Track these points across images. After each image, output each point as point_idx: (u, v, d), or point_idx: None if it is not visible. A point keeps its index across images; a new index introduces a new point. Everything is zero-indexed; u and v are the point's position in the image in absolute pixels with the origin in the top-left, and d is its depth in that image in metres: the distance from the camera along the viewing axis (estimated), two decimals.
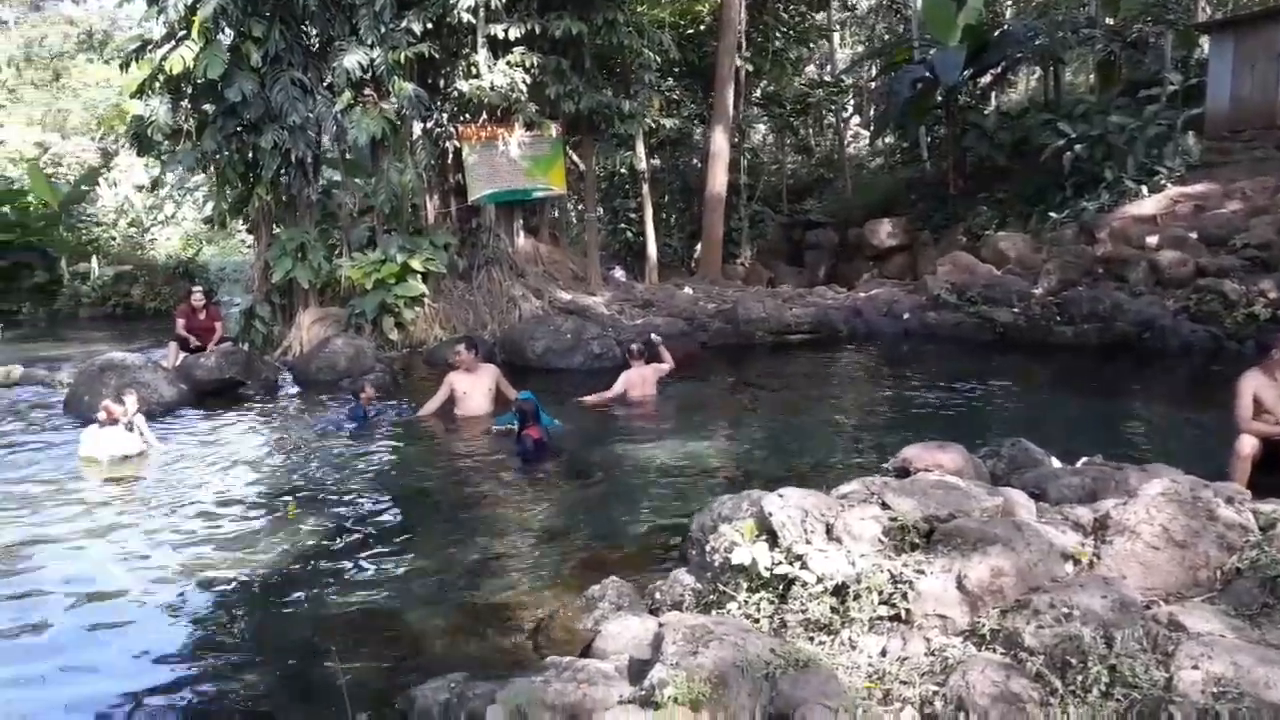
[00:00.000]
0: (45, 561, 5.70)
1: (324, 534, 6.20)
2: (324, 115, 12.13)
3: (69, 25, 40.20)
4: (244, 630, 4.82)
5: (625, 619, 4.14)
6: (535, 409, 7.89)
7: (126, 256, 22.71)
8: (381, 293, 12.61)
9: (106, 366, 9.99)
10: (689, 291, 15.57)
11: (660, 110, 19.14)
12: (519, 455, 7.70)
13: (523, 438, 7.71)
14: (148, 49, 12.50)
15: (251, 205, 12.94)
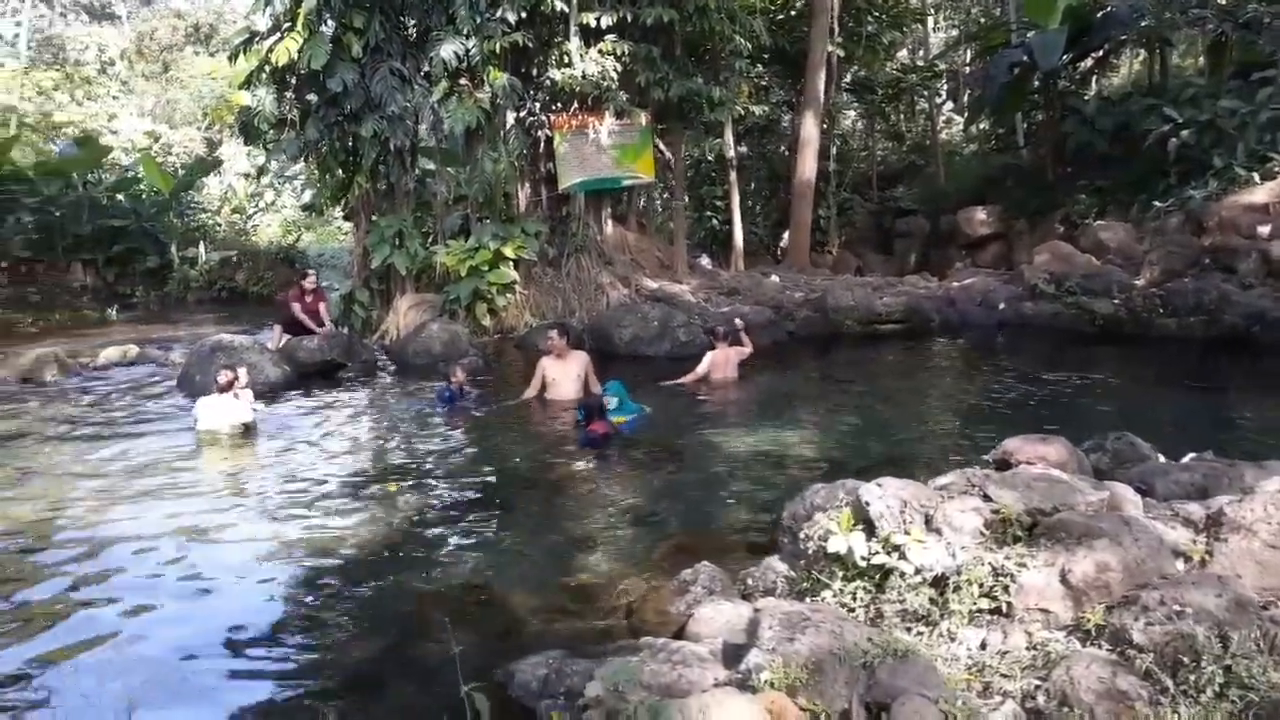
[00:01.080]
0: (159, 532, 5.99)
1: (421, 512, 6.40)
2: (421, 105, 12.41)
3: (177, 19, 41.84)
4: (347, 603, 5.01)
5: (718, 604, 4.18)
6: (601, 405, 8.08)
7: (231, 242, 23.61)
8: (475, 279, 12.87)
9: (216, 347, 10.44)
10: (776, 279, 15.48)
11: (749, 97, 19.05)
12: (582, 446, 7.83)
13: (588, 431, 7.87)
14: (255, 41, 12.96)
15: (351, 193, 13.33)
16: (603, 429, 7.82)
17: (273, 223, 26.48)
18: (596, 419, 7.88)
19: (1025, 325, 13.06)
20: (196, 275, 21.40)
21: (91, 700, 3.98)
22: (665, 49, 13.82)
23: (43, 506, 6.57)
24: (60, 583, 5.24)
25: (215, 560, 5.57)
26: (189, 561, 5.52)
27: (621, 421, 8.36)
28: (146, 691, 3.97)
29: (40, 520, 6.28)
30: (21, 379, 11.17)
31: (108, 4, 43.04)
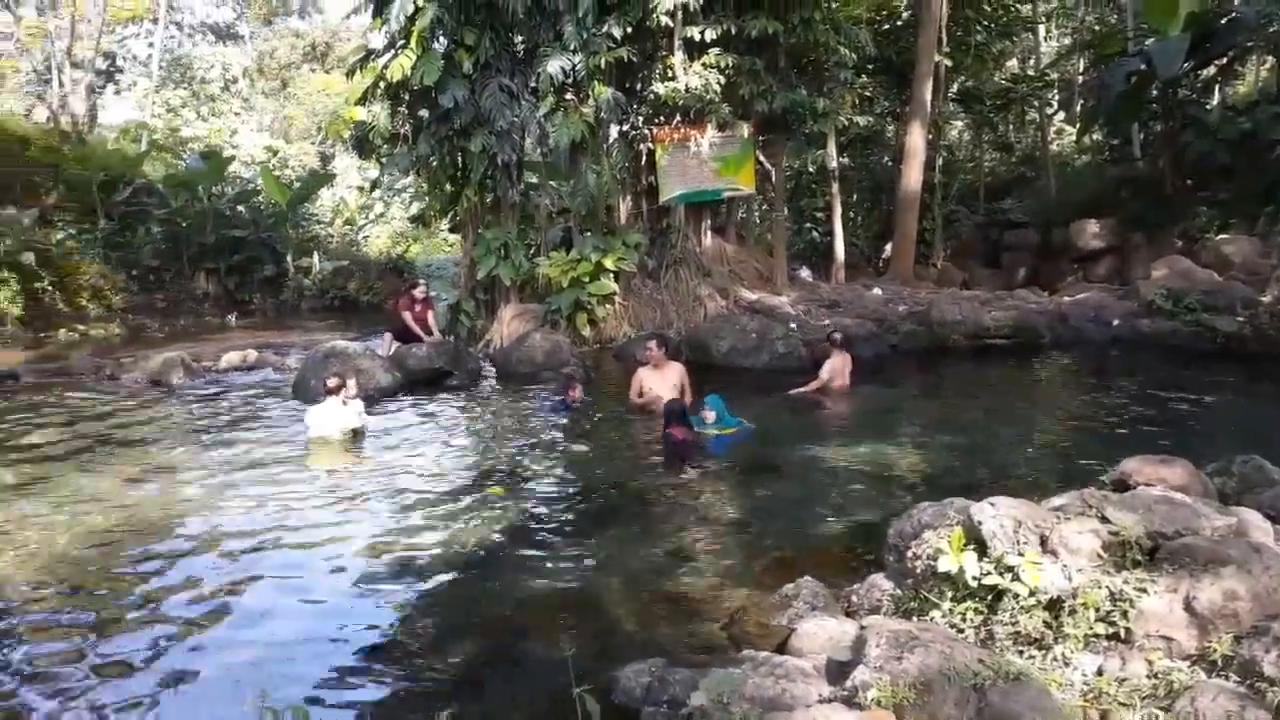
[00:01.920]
0: (273, 530, 6.26)
1: (523, 518, 6.52)
2: (528, 120, 12.70)
3: (296, 38, 43.70)
4: (452, 604, 5.14)
5: (822, 620, 4.17)
6: (682, 410, 8.11)
7: (343, 253, 24.51)
8: (576, 290, 13.07)
9: (330, 353, 10.85)
10: (878, 292, 15.26)
11: (853, 107, 18.86)
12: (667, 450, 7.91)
13: (666, 435, 7.92)
14: (370, 58, 13.46)
15: (460, 206, 13.70)
16: (681, 434, 7.88)
17: (382, 234, 27.39)
18: (676, 423, 7.94)
19: (1141, 342, 12.58)
20: (310, 284, 22.26)
21: (216, 691, 4.20)
22: (769, 61, 13.82)
23: (167, 503, 6.94)
24: (181, 576, 5.52)
25: (325, 559, 5.78)
26: (300, 560, 5.75)
27: (719, 434, 8.37)
28: (264, 685, 4.14)
29: (164, 516, 6.64)
30: (151, 380, 11.81)
31: (232, 25, 45.20)
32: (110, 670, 4.37)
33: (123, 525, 6.34)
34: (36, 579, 5.41)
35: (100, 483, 7.39)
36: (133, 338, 17.41)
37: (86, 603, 5.15)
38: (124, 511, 6.65)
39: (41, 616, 4.95)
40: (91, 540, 6.04)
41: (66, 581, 5.38)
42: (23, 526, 6.33)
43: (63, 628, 4.83)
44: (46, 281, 18.07)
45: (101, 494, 7.07)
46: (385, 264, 24.40)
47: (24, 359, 14.14)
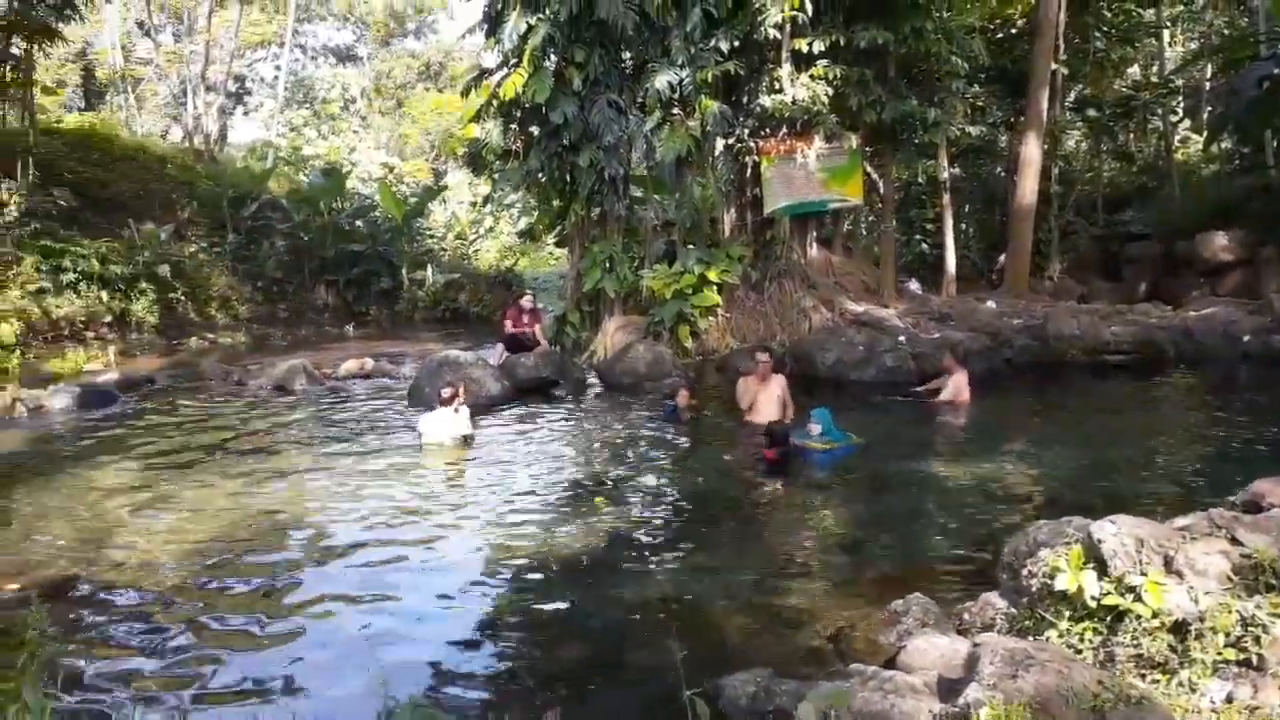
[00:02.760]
0: (385, 530, 6.49)
1: (627, 525, 6.61)
2: (635, 134, 12.86)
3: (411, 59, 45.25)
4: (558, 607, 5.24)
5: (932, 636, 4.11)
6: (784, 433, 8.12)
7: (454, 266, 25.22)
8: (679, 302, 13.14)
9: (444, 362, 11.20)
10: (991, 305, 14.87)
11: (965, 117, 18.46)
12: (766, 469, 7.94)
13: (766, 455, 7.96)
14: (484, 77, 13.87)
15: (568, 220, 13.96)
16: (774, 456, 7.93)
17: (491, 248, 28.06)
18: (777, 444, 7.98)
19: (1273, 359, 11.93)
20: (424, 296, 22.98)
21: (332, 678, 4.39)
22: (879, 71, 13.66)
23: (290, 501, 7.28)
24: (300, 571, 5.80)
25: (434, 559, 5.98)
26: (410, 559, 5.95)
27: (825, 449, 8.31)
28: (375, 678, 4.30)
29: (287, 513, 6.97)
30: (275, 386, 12.39)
31: (352, 47, 47.10)
32: (240, 644, 4.67)
33: (251, 521, 6.69)
34: (178, 566, 5.77)
35: (231, 481, 7.81)
36: (257, 346, 18.29)
37: (218, 588, 5.46)
38: (252, 508, 7.01)
39: (182, 599, 5.27)
40: (223, 533, 6.39)
41: (203, 570, 5.71)
42: (165, 519, 6.74)
43: (201, 609, 5.13)
44: (180, 292, 19.15)
45: (233, 491, 7.47)
46: (494, 277, 24.99)
47: (160, 365, 15.04)
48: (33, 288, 16.25)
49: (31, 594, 5.23)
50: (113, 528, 6.53)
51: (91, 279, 17.25)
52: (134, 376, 12.94)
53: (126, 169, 22.24)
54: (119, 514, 6.86)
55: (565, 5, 12.07)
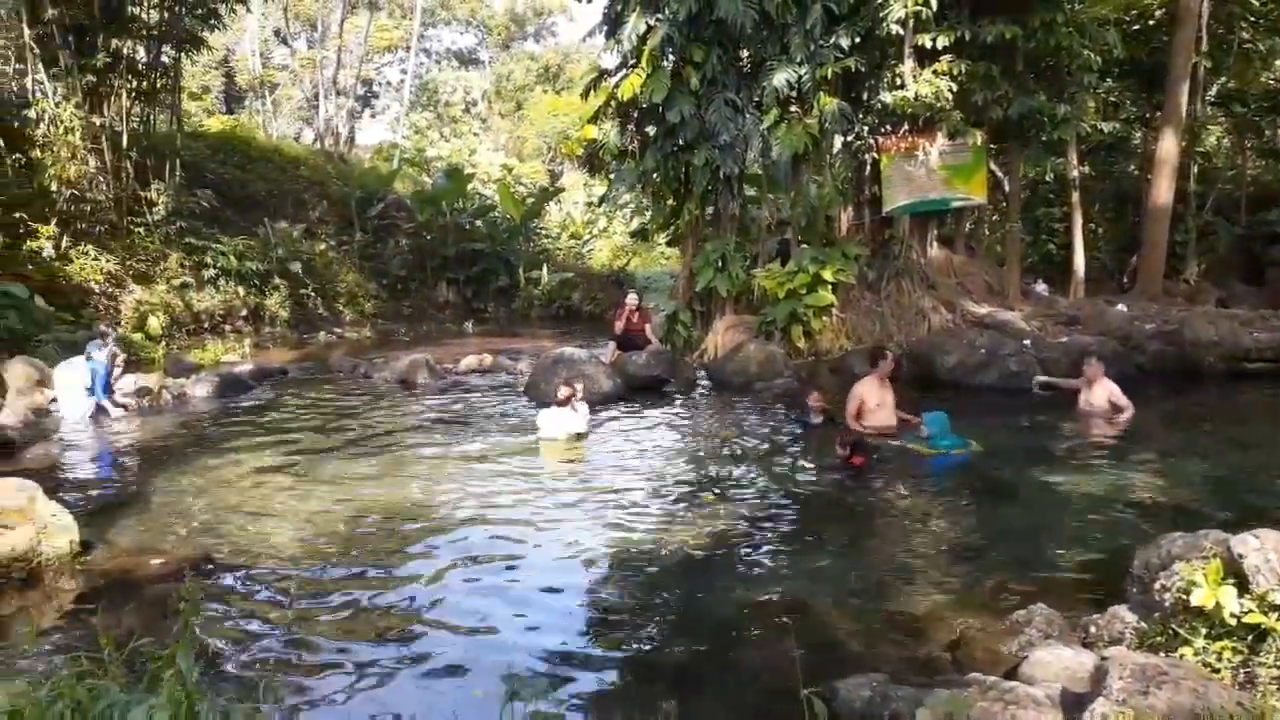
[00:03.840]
0: (501, 522, 6.63)
1: (738, 525, 6.59)
2: (751, 133, 12.82)
3: (530, 61, 46.15)
4: (670, 604, 5.27)
5: (1056, 648, 3.98)
6: (864, 442, 7.95)
7: (568, 265, 25.65)
8: (792, 302, 13.03)
9: (559, 359, 11.40)
10: (1123, 309, 14.21)
11: (1097, 113, 17.70)
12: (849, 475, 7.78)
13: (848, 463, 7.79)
14: (603, 79, 14.05)
15: (681, 219, 14.01)
16: (861, 463, 7.77)
17: (604, 248, 28.42)
18: (858, 453, 7.83)
19: None
20: (539, 294, 23.44)
21: (446, 665, 4.53)
22: (1005, 66, 13.22)
23: (411, 491, 7.52)
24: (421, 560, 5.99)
25: (550, 553, 6.08)
26: (526, 551, 6.07)
27: (941, 453, 8.11)
28: (488, 667, 4.42)
29: (408, 503, 7.20)
30: (399, 380, 12.84)
31: (474, 50, 48.40)
32: (359, 631, 4.84)
33: (374, 509, 6.95)
34: (304, 550, 6.05)
35: (357, 469, 8.14)
36: (382, 341, 18.97)
37: (341, 574, 5.68)
38: (374, 496, 7.29)
39: (307, 583, 5.51)
40: (348, 520, 6.66)
41: (327, 555, 5.97)
42: (295, 504, 7.08)
43: (322, 594, 5.37)
44: (310, 288, 20.05)
45: (357, 479, 7.78)
46: (607, 276, 25.29)
47: (291, 357, 15.77)
48: (177, 283, 17.30)
49: (176, 570, 5.58)
50: (246, 510, 6.88)
51: (230, 275, 18.24)
52: (268, 367, 13.61)
53: (263, 170, 23.42)
54: (252, 497, 7.24)
55: (684, 5, 12.12)
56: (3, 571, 5.18)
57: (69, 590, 5.29)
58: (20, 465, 8.01)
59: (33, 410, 10.06)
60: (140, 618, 4.90)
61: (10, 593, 5.09)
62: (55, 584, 5.32)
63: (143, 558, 5.79)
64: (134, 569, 5.63)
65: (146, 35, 18.11)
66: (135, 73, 18.08)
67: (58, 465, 8.18)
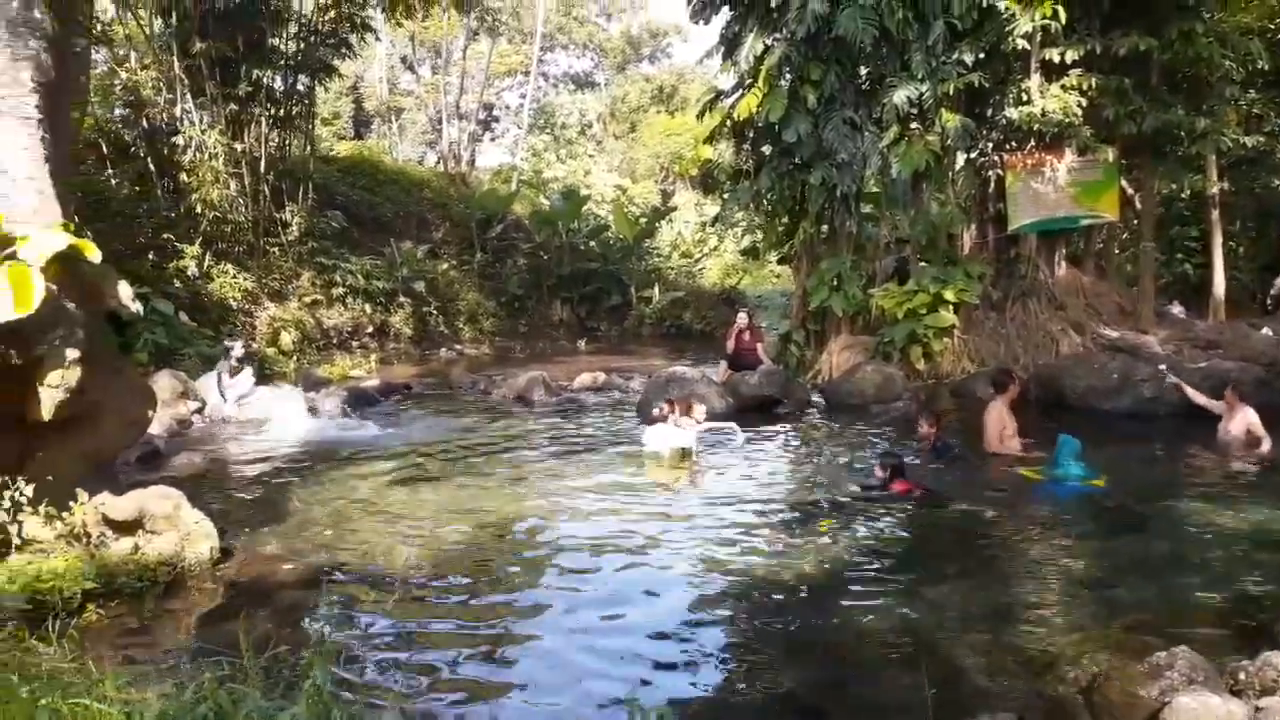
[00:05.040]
0: (612, 539, 6.66)
1: (853, 550, 6.46)
2: (869, 151, 12.63)
3: (645, 83, 46.66)
4: (781, 630, 5.20)
5: (1203, 695, 3.78)
6: (901, 464, 7.74)
7: (679, 284, 25.74)
8: (911, 323, 12.74)
9: (671, 378, 11.44)
10: (1268, 333, 13.37)
11: (1238, 126, 16.77)
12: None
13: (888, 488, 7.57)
14: (719, 100, 14.10)
15: (796, 238, 13.91)
16: (905, 489, 7.53)
17: (714, 266, 28.42)
18: (899, 478, 7.61)
19: None
20: (650, 313, 23.59)
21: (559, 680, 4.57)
22: (1139, 79, 12.67)
23: (527, 505, 7.65)
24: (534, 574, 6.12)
25: (662, 575, 6.06)
26: (639, 573, 6.07)
27: (1069, 482, 7.76)
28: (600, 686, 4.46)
29: (524, 517, 7.33)
30: (516, 397, 13.11)
31: (590, 73, 49.26)
32: (477, 647, 4.92)
33: (491, 524, 7.09)
34: (424, 561, 6.21)
35: (476, 483, 8.35)
36: (499, 358, 19.41)
37: (458, 586, 5.82)
38: (493, 512, 7.44)
39: (426, 593, 5.68)
40: (468, 534, 6.82)
41: (444, 567, 6.12)
42: (416, 516, 7.29)
43: (439, 605, 5.52)
44: (432, 306, 20.67)
45: (477, 495, 7.96)
46: (718, 294, 25.26)
47: (414, 373, 16.29)
48: (308, 300, 18.09)
49: (305, 577, 5.82)
50: (371, 522, 7.12)
51: (357, 293, 18.98)
52: (393, 383, 14.08)
53: (390, 192, 24.31)
54: (377, 509, 7.48)
55: (803, 24, 12.05)
56: (149, 575, 5.47)
57: (209, 595, 5.57)
58: (165, 473, 8.49)
59: (176, 420, 10.67)
60: (275, 623, 5.12)
61: (154, 597, 5.38)
62: (197, 589, 5.61)
63: (276, 565, 6.05)
64: (268, 575, 5.88)
65: (284, 65, 19.07)
66: (273, 101, 19.04)
67: (199, 474, 8.62)
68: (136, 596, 5.31)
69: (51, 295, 5.29)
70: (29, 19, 5.85)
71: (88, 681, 3.38)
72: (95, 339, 5.86)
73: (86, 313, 5.77)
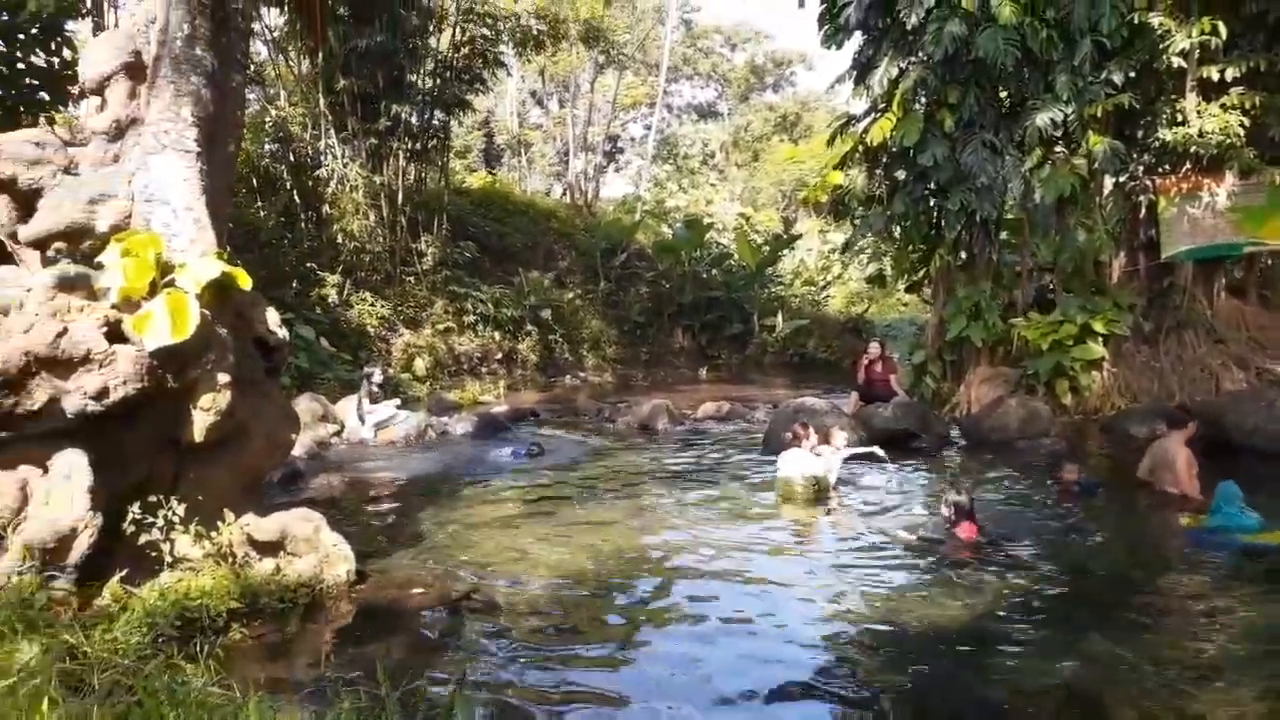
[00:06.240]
0: (740, 580, 6.44)
1: (1005, 596, 6.07)
2: (1010, 175, 12.10)
3: (768, 111, 46.54)
4: (936, 676, 4.90)
5: None
6: (970, 507, 7.12)
7: (803, 312, 25.31)
8: (1057, 354, 12.11)
9: (799, 409, 11.14)
10: None
11: None
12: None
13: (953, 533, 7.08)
14: (850, 125, 13.82)
15: (931, 265, 13.46)
16: (968, 534, 7.02)
17: (838, 294, 27.87)
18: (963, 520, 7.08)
19: None
20: (773, 341, 23.26)
21: None
22: None
23: (651, 535, 7.52)
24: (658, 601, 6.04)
25: (792, 615, 5.84)
26: (768, 611, 5.84)
27: (1252, 541, 7.11)
28: None
29: (648, 547, 7.23)
30: (640, 425, 13.04)
31: (713, 103, 49.46)
32: (610, 679, 4.85)
33: (617, 555, 6.99)
34: (551, 588, 6.17)
35: (603, 513, 8.27)
36: (621, 385, 19.47)
37: (589, 618, 5.73)
38: (619, 542, 7.34)
39: (555, 620, 5.63)
40: (594, 565, 6.73)
41: (575, 598, 6.04)
42: (544, 544, 7.26)
43: (573, 636, 5.44)
44: (558, 334, 20.94)
45: (604, 524, 7.87)
46: (843, 323, 24.73)
47: (539, 399, 16.47)
48: (441, 327, 18.60)
49: (438, 602, 5.84)
50: (500, 548, 7.11)
51: (487, 321, 19.42)
52: (520, 409, 14.25)
53: (518, 223, 24.86)
54: (506, 536, 7.49)
55: (940, 46, 11.68)
56: (290, 597, 5.57)
57: (346, 618, 5.62)
58: (304, 494, 8.75)
59: (316, 442, 11.02)
60: (408, 649, 5.14)
61: (295, 618, 5.47)
62: (334, 612, 5.67)
63: (409, 590, 6.08)
64: (401, 600, 5.92)
65: (421, 101, 19.79)
66: (411, 135, 19.76)
67: (336, 495, 8.84)
68: (278, 617, 5.41)
69: (206, 321, 5.49)
70: (191, 56, 6.14)
71: (233, 706, 3.41)
72: (245, 364, 6.05)
73: (237, 338, 5.97)
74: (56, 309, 5.24)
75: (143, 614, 4.83)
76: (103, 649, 4.32)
